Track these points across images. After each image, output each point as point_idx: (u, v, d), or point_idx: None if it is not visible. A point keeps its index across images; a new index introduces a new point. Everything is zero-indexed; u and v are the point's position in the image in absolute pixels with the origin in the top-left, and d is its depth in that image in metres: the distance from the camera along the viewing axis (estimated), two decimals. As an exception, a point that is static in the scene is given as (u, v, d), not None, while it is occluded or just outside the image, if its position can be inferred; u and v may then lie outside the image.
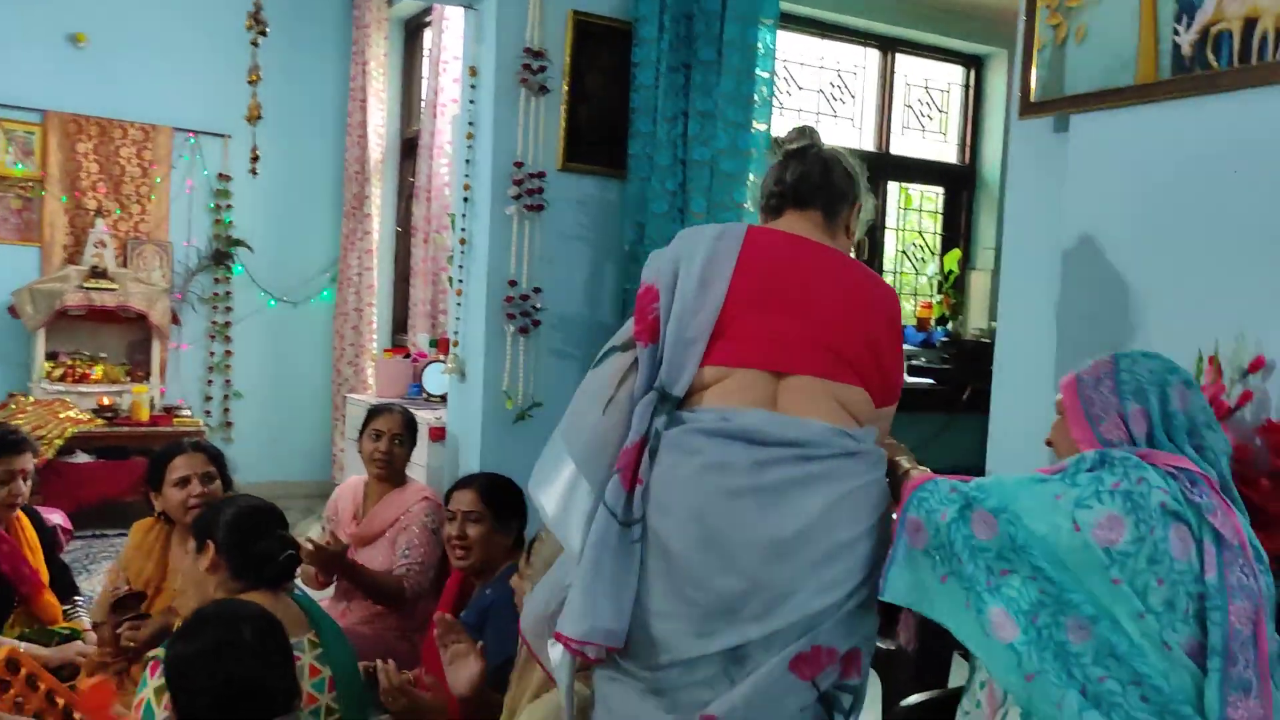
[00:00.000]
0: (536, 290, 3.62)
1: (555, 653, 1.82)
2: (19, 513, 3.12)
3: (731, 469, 1.73)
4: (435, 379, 4.80)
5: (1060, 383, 1.76)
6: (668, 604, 1.73)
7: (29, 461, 3.07)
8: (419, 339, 5.71)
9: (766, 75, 3.60)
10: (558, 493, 1.84)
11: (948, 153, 5.89)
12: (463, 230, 3.75)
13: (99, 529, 5.50)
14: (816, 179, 1.99)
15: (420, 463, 4.17)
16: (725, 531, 1.71)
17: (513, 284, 3.59)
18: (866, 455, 1.80)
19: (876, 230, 5.66)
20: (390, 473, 3.38)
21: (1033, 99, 2.39)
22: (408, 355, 5.30)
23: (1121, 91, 2.19)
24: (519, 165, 3.57)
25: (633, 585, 1.75)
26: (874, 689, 2.92)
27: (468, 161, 3.69)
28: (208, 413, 6.59)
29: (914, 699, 1.93)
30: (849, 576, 1.72)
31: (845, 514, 1.73)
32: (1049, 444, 1.80)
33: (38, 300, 5.72)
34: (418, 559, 3.22)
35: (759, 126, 3.60)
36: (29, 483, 3.09)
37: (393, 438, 3.35)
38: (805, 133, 2.07)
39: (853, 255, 2.08)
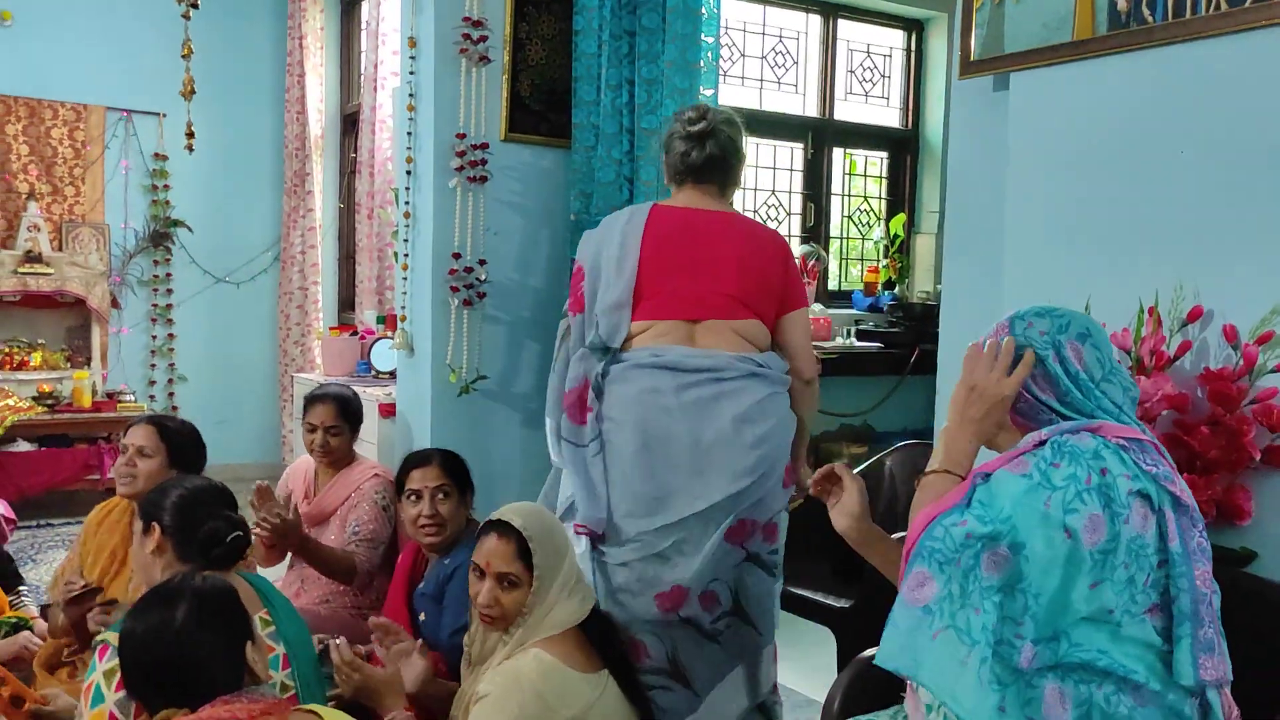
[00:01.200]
0: (481, 262, 3.59)
1: (580, 544, 2.43)
2: None
3: (662, 391, 2.40)
4: (383, 355, 4.75)
5: (965, 354, 1.74)
6: (625, 496, 2.40)
7: None
8: (366, 316, 5.65)
9: (711, 41, 3.59)
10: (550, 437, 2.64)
11: (891, 117, 5.92)
12: (407, 204, 3.70)
13: (44, 518, 5.41)
14: (718, 159, 2.58)
15: (370, 440, 4.13)
16: (661, 437, 2.39)
17: (457, 256, 3.55)
18: (767, 375, 2.45)
19: (821, 197, 5.68)
20: (333, 460, 3.35)
21: (972, 58, 2.40)
22: (355, 333, 5.24)
23: (1059, 48, 2.20)
24: (461, 137, 3.53)
25: (601, 488, 2.42)
26: (829, 643, 2.97)
27: (409, 134, 3.64)
28: (152, 397, 6.48)
29: (870, 652, 1.95)
30: (759, 465, 2.39)
31: (752, 420, 2.38)
32: None
33: (-30, 287, 5.57)
34: (368, 535, 3.19)
35: (706, 92, 3.59)
36: None
37: (327, 429, 3.29)
38: (705, 114, 2.59)
39: (735, 205, 2.75)
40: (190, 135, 3.53)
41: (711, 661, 2.45)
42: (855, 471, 1.93)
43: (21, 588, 3.30)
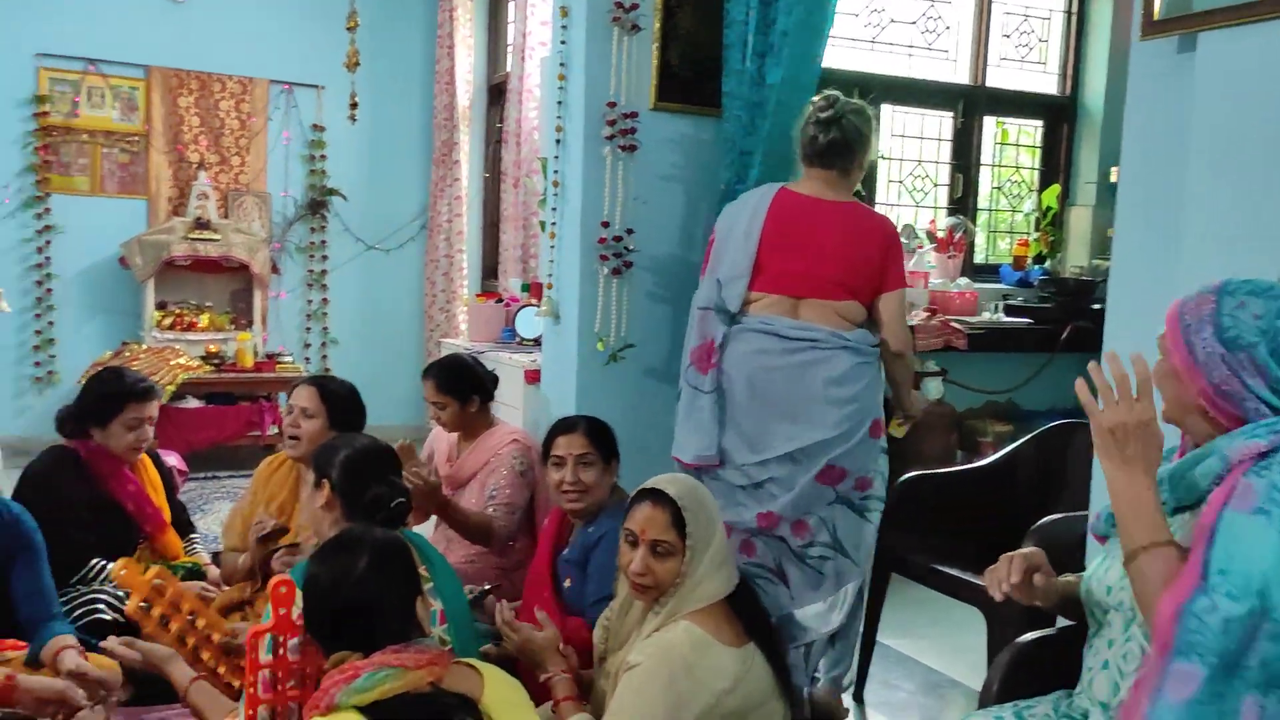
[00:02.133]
0: (629, 231, 3.60)
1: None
2: (143, 455, 3.25)
3: (769, 353, 2.85)
4: (528, 322, 4.83)
5: (1166, 313, 1.58)
6: (733, 434, 2.88)
7: (156, 408, 3.18)
8: (510, 283, 5.75)
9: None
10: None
11: (1047, 84, 5.68)
12: (555, 173, 3.74)
13: (210, 471, 5.72)
14: (839, 145, 2.90)
15: (515, 405, 4.22)
16: (764, 390, 2.85)
17: (605, 225, 3.57)
18: (856, 348, 2.84)
19: (971, 167, 5.50)
20: (457, 429, 3.42)
21: (1156, 17, 2.27)
22: (500, 300, 5.34)
23: (1256, 5, 2.06)
24: (612, 105, 3.54)
25: (714, 425, 2.88)
26: (970, 624, 2.91)
27: (560, 103, 3.67)
28: (307, 359, 6.77)
29: (1030, 636, 1.90)
30: (844, 421, 2.80)
31: (840, 383, 2.80)
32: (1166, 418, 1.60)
33: (146, 251, 5.90)
34: (504, 500, 3.27)
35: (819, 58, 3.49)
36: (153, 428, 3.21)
37: (434, 404, 3.38)
38: (834, 102, 2.93)
39: (857, 189, 3.07)
40: (354, 106, 3.64)
41: (803, 579, 2.86)
42: (1003, 452, 1.85)
43: (194, 535, 3.50)
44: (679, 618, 2.06)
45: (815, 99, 2.98)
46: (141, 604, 2.26)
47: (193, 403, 5.80)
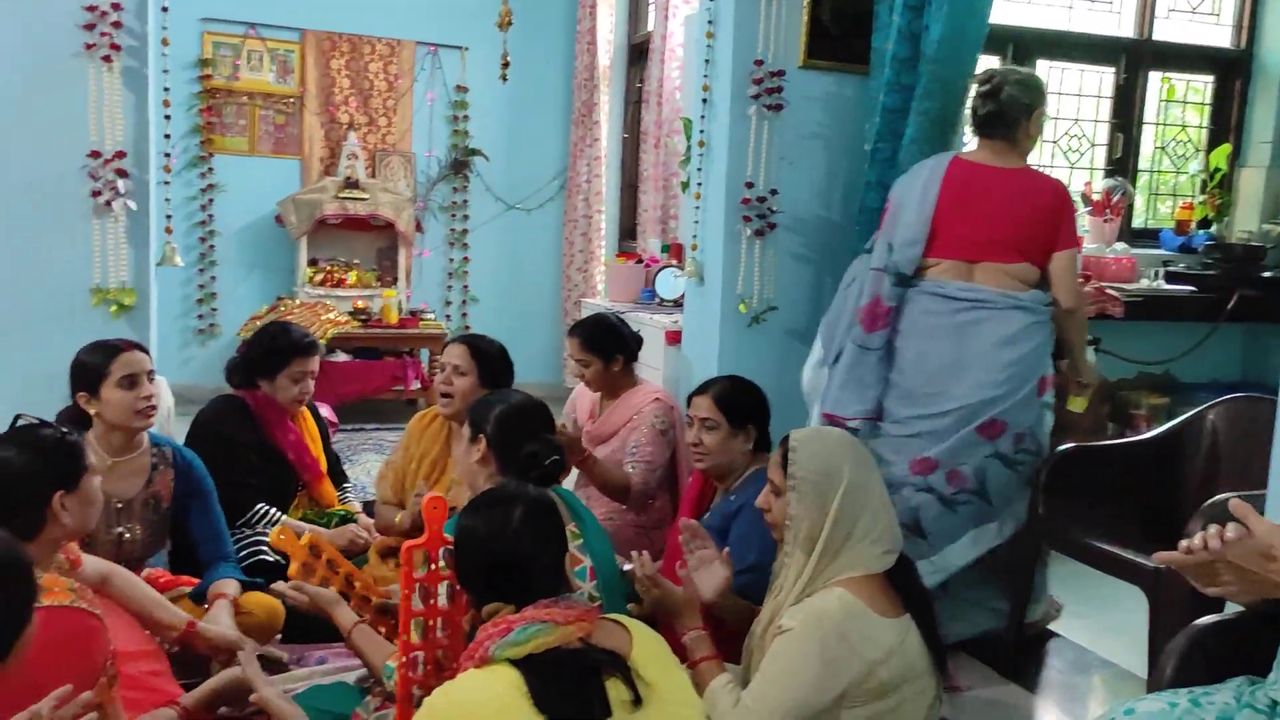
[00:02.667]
0: (774, 192, 3.56)
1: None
2: (303, 407, 3.39)
3: (938, 314, 3.01)
4: (668, 283, 4.85)
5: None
6: (899, 389, 3.04)
7: (318, 362, 3.31)
8: (650, 244, 5.76)
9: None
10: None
11: (1220, 36, 5.34)
12: (700, 132, 3.72)
13: (357, 423, 5.93)
14: (997, 116, 3.03)
15: (655, 365, 4.24)
16: (934, 349, 3.01)
17: (749, 186, 3.54)
18: (1027, 307, 2.98)
19: (1132, 126, 5.23)
20: (600, 387, 3.47)
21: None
22: (639, 261, 5.36)
23: None
24: (759, 64, 3.50)
25: (876, 384, 3.05)
26: (1131, 603, 2.81)
27: (706, 62, 3.64)
28: (448, 316, 6.93)
29: (1209, 620, 1.81)
30: (1009, 380, 2.93)
31: (1008, 343, 2.94)
32: None
33: (300, 210, 6.13)
34: (644, 458, 3.29)
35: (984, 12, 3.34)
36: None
37: (578, 361, 3.43)
38: (994, 75, 3.06)
39: (1031, 153, 3.17)
40: (505, 65, 3.68)
41: (946, 524, 2.99)
42: (1169, 425, 1.74)
43: (346, 485, 3.64)
44: (833, 584, 2.03)
45: (979, 71, 3.14)
46: (302, 567, 2.37)
47: (341, 357, 6.01)
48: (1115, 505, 3.02)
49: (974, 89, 3.11)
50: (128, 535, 2.65)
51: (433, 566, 1.94)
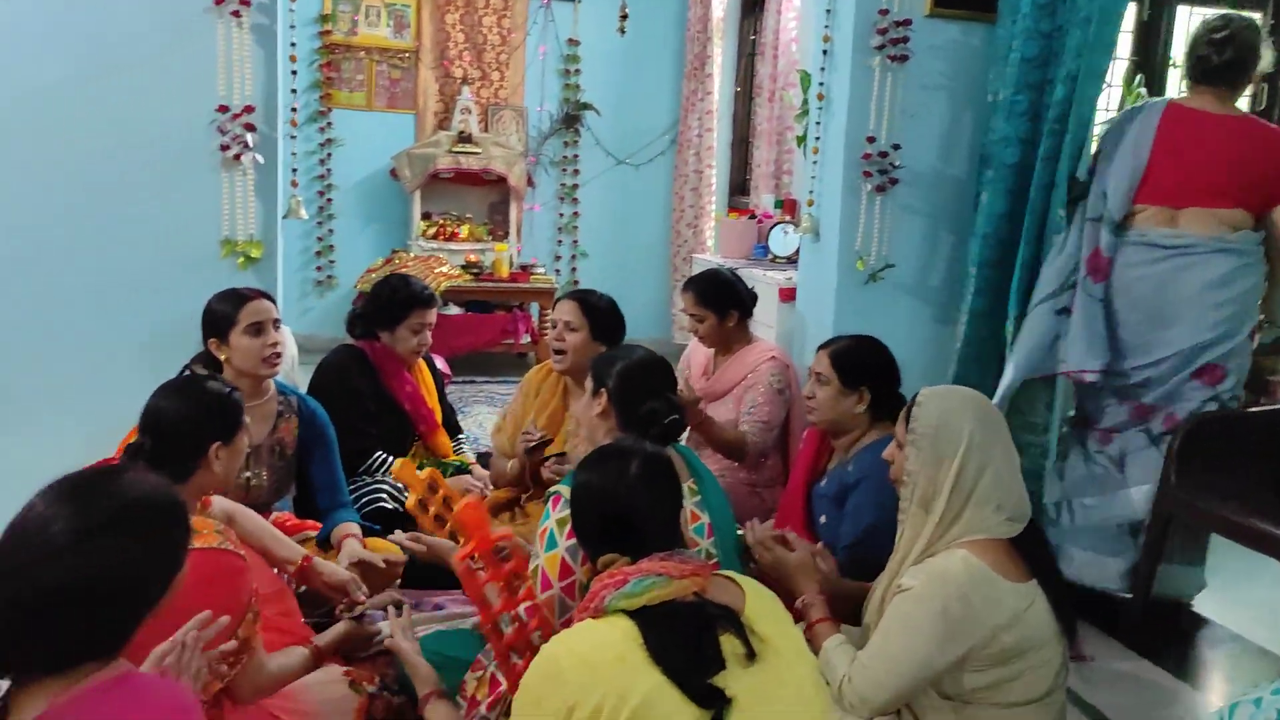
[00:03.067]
0: (896, 147, 3.46)
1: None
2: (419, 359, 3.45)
3: (1144, 263, 3.03)
4: (781, 240, 4.78)
5: None
6: (1116, 342, 3.05)
7: (435, 314, 3.36)
8: (763, 200, 5.68)
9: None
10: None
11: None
12: (820, 85, 3.62)
13: (468, 376, 6.03)
14: (1234, 66, 2.99)
15: (769, 323, 4.19)
16: (1142, 299, 3.04)
17: (871, 140, 3.44)
18: (1237, 250, 2.96)
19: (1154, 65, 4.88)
20: (714, 342, 3.43)
21: None
22: (752, 216, 5.29)
23: None
24: (884, 13, 3.38)
25: (1107, 335, 3.05)
26: (1269, 579, 2.68)
27: (828, 12, 3.53)
28: (557, 271, 6.98)
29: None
30: (1221, 324, 2.95)
31: (1217, 286, 2.96)
32: None
33: (414, 164, 6.21)
34: (761, 417, 3.26)
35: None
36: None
37: (690, 315, 3.39)
38: (1229, 22, 3.01)
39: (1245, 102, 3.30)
40: (624, 17, 3.64)
41: (1147, 461, 3.05)
42: None
43: (461, 436, 3.70)
44: (956, 545, 1.98)
45: (1208, 18, 3.07)
46: (419, 502, 2.41)
47: (453, 310, 6.11)
48: (1251, 474, 2.89)
49: (1202, 36, 3.02)
50: (254, 480, 2.73)
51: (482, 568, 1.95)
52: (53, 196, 3.12)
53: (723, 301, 3.37)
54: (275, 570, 2.37)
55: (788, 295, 4.09)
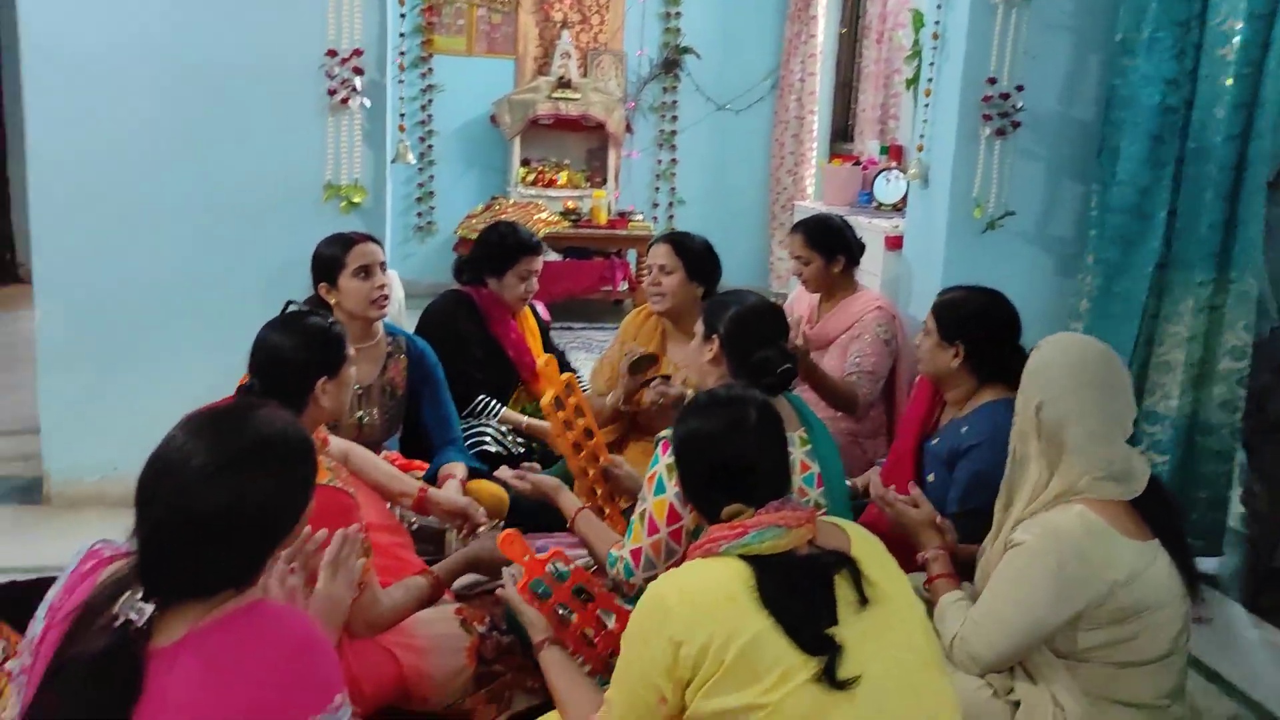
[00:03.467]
0: (1018, 89, 3.32)
1: None
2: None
3: None
4: (885, 187, 4.65)
5: None
6: None
7: (541, 262, 3.36)
8: (868, 146, 5.54)
9: None
10: None
11: None
12: (935, 24, 3.49)
13: (565, 322, 6.05)
14: None
15: (874, 271, 4.10)
16: None
17: (991, 82, 3.31)
18: None
19: None
20: (818, 288, 3.38)
21: None
22: (856, 163, 5.17)
23: None
24: (1005, -51, 3.23)
25: None
26: None
27: (945, -52, 3.39)
28: (655, 218, 6.93)
29: None
30: None
31: None
32: None
33: (514, 110, 6.21)
34: (868, 368, 3.21)
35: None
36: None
37: (797, 258, 3.33)
38: None
39: None
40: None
41: None
42: None
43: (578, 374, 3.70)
44: (1073, 501, 1.92)
45: None
46: (554, 400, 2.41)
47: (552, 256, 6.11)
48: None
49: None
50: (366, 419, 2.79)
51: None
52: (164, 140, 3.19)
53: (831, 246, 3.30)
54: (389, 505, 2.42)
55: (894, 243, 3.99)
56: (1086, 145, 3.36)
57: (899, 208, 4.64)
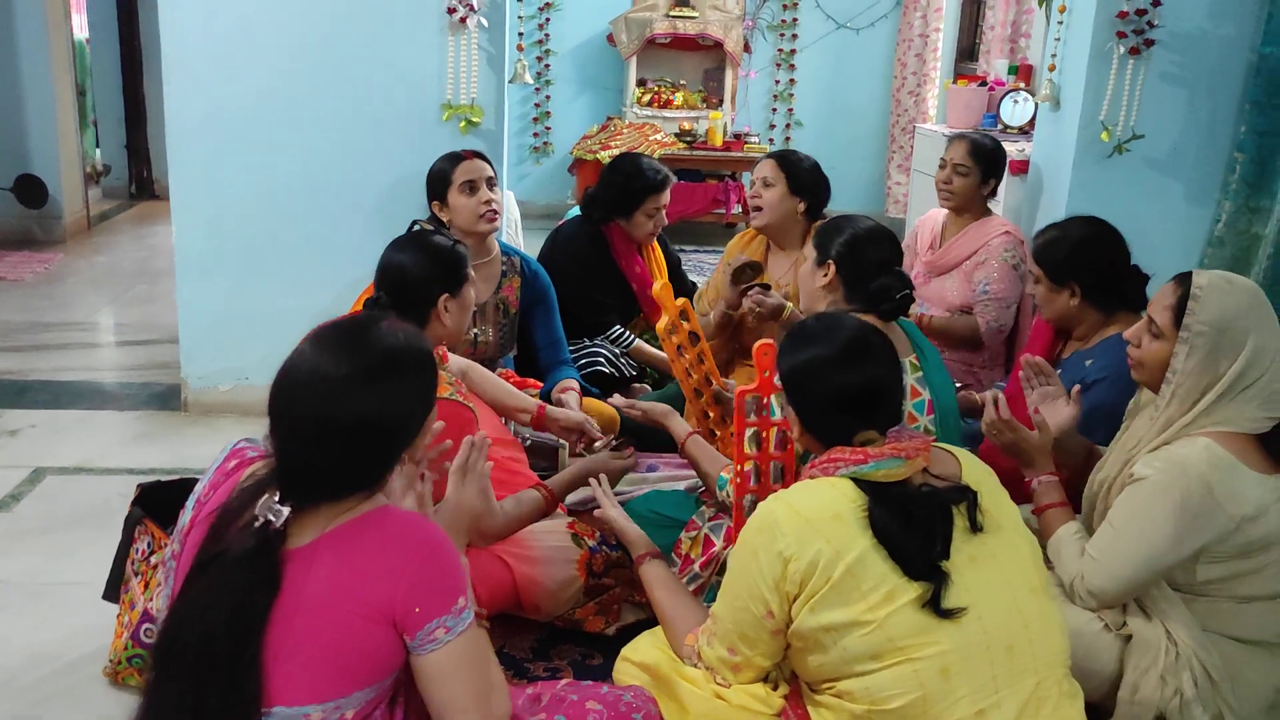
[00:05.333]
0: (1155, 3, 3.14)
1: None
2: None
3: None
4: (1014, 109, 4.48)
5: None
6: None
7: (669, 195, 3.33)
8: (995, 65, 5.33)
9: None
10: None
11: None
12: (1074, -63, 3.32)
13: (678, 245, 6.01)
14: None
15: (998, 198, 3.97)
16: None
17: (1131, -3, 3.14)
18: None
19: None
20: (959, 207, 3.29)
21: None
22: (982, 83, 4.98)
23: None
24: None
25: None
26: None
27: None
28: (771, 140, 6.83)
29: None
30: None
31: None
32: None
33: (631, 29, 6.15)
34: (997, 295, 3.15)
35: None
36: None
37: (955, 167, 3.25)
38: None
39: None
40: None
41: None
42: None
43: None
44: (1197, 434, 1.86)
45: None
46: (669, 327, 2.43)
47: (666, 178, 6.08)
48: None
49: None
50: (481, 337, 2.86)
51: (765, 413, 1.95)
52: (292, 60, 3.26)
53: (991, 166, 3.28)
54: (505, 421, 2.49)
55: (1019, 168, 3.85)
56: (1230, 62, 3.17)
57: (1025, 131, 4.47)
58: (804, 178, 3.06)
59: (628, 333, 3.32)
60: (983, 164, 3.26)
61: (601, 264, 3.31)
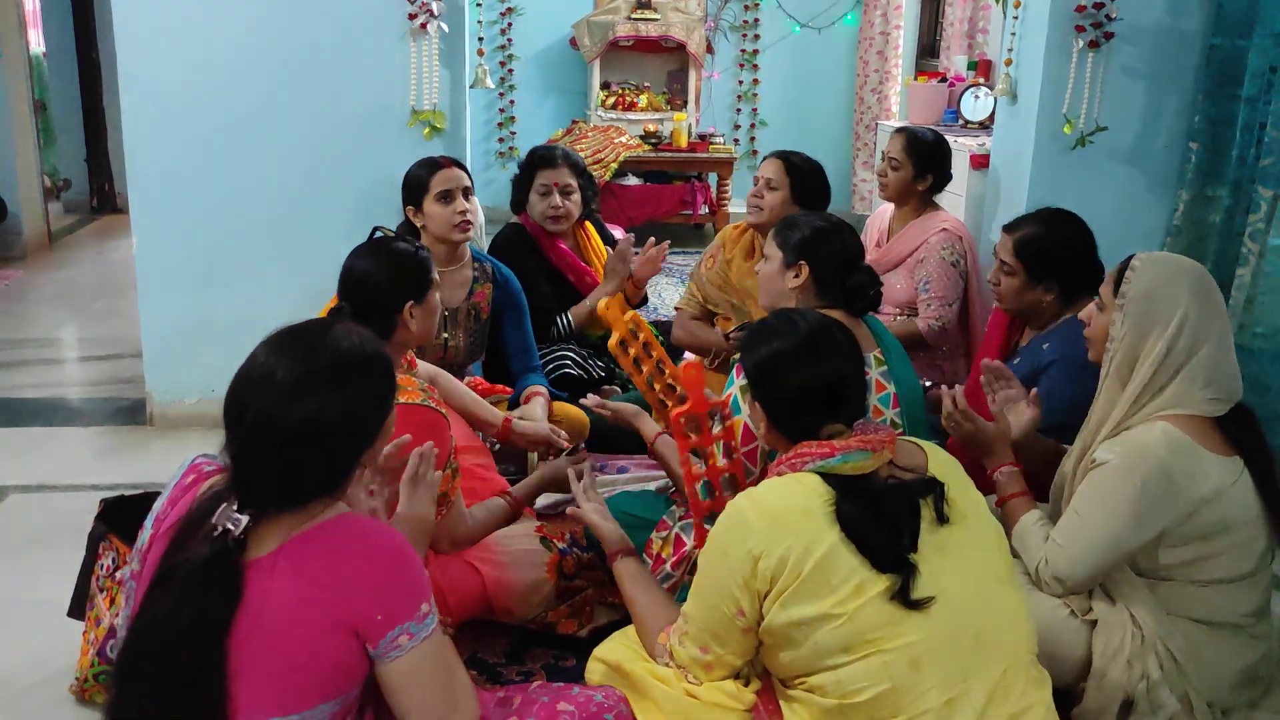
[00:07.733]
0: (1112, -2, 3.18)
1: None
2: (586, 224, 3.45)
3: None
4: (974, 104, 4.52)
5: None
6: None
7: (568, 175, 3.27)
8: (955, 62, 5.38)
9: None
10: None
11: None
12: (1027, -68, 3.35)
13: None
14: None
15: (958, 191, 4.01)
16: None
17: (1084, -9, 3.18)
18: None
19: None
20: (900, 199, 3.31)
21: None
22: (943, 79, 5.02)
23: None
24: None
25: None
26: None
27: None
28: (735, 140, 6.85)
29: None
30: None
31: None
32: None
33: (593, 32, 6.15)
34: (937, 294, 3.15)
35: None
36: (574, 197, 3.29)
37: (889, 160, 3.27)
38: None
39: None
40: None
41: None
42: None
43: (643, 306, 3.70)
44: (1155, 418, 1.89)
45: None
46: (620, 342, 2.43)
47: (631, 180, 6.10)
48: None
49: None
50: (452, 342, 2.85)
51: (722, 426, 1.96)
52: (253, 67, 3.24)
53: (925, 160, 3.26)
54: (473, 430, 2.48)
55: (979, 162, 3.89)
56: (1187, 56, 3.22)
57: (986, 125, 4.51)
58: (807, 183, 3.04)
59: (562, 316, 3.28)
60: (916, 157, 3.24)
61: (531, 259, 3.28)
